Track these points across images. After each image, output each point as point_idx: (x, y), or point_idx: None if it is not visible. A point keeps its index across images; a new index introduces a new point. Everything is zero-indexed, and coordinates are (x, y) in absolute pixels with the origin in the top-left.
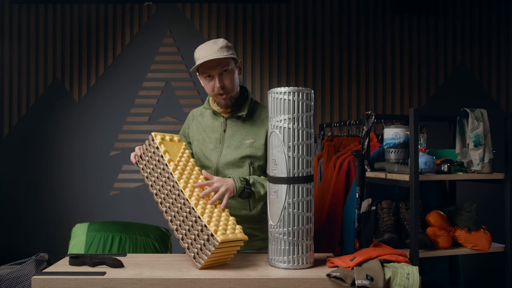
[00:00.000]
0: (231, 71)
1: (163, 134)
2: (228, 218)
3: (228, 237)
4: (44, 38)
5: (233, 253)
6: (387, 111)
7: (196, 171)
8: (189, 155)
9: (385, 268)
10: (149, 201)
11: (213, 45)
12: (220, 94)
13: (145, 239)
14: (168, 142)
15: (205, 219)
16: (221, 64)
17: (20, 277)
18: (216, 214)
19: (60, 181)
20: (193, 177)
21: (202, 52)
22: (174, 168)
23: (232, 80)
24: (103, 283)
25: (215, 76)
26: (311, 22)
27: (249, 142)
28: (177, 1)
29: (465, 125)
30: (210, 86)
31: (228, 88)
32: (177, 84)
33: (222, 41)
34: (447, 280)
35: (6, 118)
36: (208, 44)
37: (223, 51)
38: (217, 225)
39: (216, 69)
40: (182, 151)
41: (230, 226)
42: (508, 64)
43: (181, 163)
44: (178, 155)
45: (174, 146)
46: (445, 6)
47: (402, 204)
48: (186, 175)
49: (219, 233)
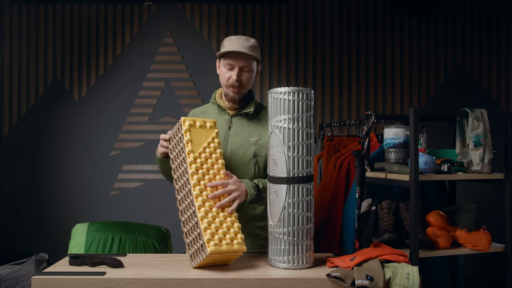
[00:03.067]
0: (251, 70)
1: (194, 120)
2: (232, 224)
3: (220, 249)
4: (44, 38)
5: (234, 258)
6: (387, 111)
7: (218, 165)
8: (217, 145)
9: (385, 268)
10: (149, 201)
11: (245, 41)
12: (233, 86)
13: (145, 239)
14: (197, 129)
15: (204, 224)
16: (246, 60)
17: (20, 277)
18: (219, 219)
19: (60, 181)
20: (211, 173)
21: (232, 43)
22: (192, 161)
23: (249, 79)
24: (103, 283)
25: (235, 68)
26: (311, 22)
27: (254, 140)
28: (177, 1)
29: (465, 125)
30: (227, 76)
31: (243, 84)
32: (177, 84)
33: (253, 41)
34: (447, 280)
35: (6, 118)
36: (240, 38)
37: (253, 50)
38: (214, 233)
39: (239, 62)
40: (210, 140)
41: (230, 235)
42: (508, 64)
43: (203, 155)
44: (203, 146)
45: (203, 133)
46: (445, 6)
47: (402, 204)
48: (204, 170)
49: (212, 243)
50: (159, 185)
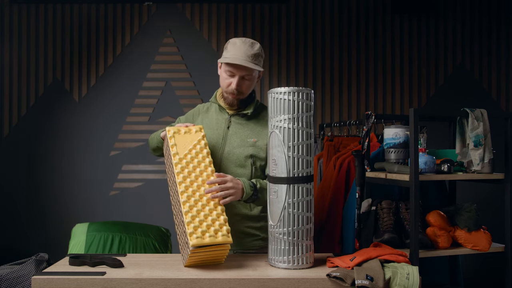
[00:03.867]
0: (252, 79)
1: (178, 128)
2: (218, 218)
3: (203, 242)
4: (44, 38)
5: (224, 254)
6: (387, 111)
7: (206, 163)
8: (203, 146)
9: (385, 268)
10: (149, 201)
11: (249, 49)
12: (233, 93)
13: (145, 239)
14: (182, 135)
15: (188, 218)
16: (248, 70)
17: (20, 277)
18: (204, 213)
19: (60, 181)
20: (198, 171)
21: (235, 50)
22: (176, 162)
23: (249, 86)
24: (103, 283)
25: (236, 76)
26: (311, 22)
27: (252, 141)
28: (177, 1)
29: (465, 125)
30: (227, 82)
31: (243, 91)
32: (177, 84)
33: (258, 48)
34: (447, 280)
35: (6, 118)
36: (245, 43)
37: (256, 59)
38: (197, 227)
39: (240, 72)
40: (195, 142)
41: (214, 228)
42: (508, 64)
43: (189, 156)
44: (189, 148)
45: (188, 138)
46: (445, 6)
47: (402, 204)
48: (190, 169)
49: (194, 236)
50: (159, 185)
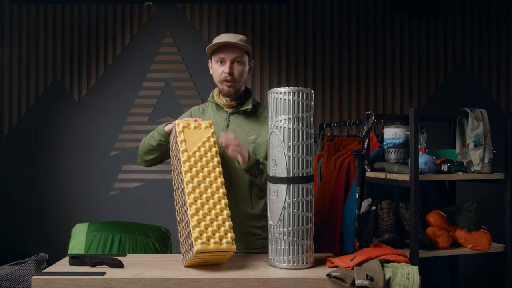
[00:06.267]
0: (243, 63)
1: (188, 122)
2: (224, 223)
3: (208, 248)
4: (44, 38)
5: (225, 258)
6: (387, 111)
7: (214, 163)
8: (212, 144)
9: (385, 268)
10: (149, 201)
11: (234, 36)
12: (227, 80)
13: (145, 239)
14: (192, 130)
15: (194, 222)
16: (236, 52)
17: (20, 277)
18: (210, 217)
19: (60, 181)
20: (206, 170)
21: (221, 37)
22: (185, 160)
23: (241, 72)
24: (103, 283)
25: (226, 61)
26: (311, 22)
27: (253, 138)
28: (177, 1)
29: (465, 125)
30: (219, 71)
31: (236, 77)
32: (177, 84)
33: (243, 36)
34: (447, 280)
35: (6, 118)
36: (229, 34)
37: (242, 42)
38: (202, 231)
39: (230, 54)
40: (205, 139)
41: (219, 234)
42: (508, 64)
43: (198, 154)
44: (198, 145)
45: (197, 134)
46: (445, 6)
47: (402, 204)
48: (198, 168)
49: (200, 241)
50: (159, 185)
